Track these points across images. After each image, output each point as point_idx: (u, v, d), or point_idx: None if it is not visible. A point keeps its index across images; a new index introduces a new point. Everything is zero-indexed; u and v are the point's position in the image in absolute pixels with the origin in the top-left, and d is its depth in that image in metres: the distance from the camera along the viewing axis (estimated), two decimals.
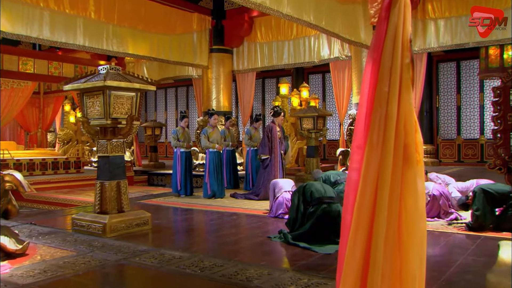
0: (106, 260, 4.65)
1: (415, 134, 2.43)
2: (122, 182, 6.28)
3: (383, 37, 2.44)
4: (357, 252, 2.41)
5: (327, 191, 5.44)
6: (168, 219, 7.65)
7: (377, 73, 2.45)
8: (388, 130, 2.37)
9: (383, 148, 2.38)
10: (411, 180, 2.41)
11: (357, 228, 2.40)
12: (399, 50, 2.39)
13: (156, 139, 17.68)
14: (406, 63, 2.43)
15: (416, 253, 2.43)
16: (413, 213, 2.42)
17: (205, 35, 13.49)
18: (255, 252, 5.17)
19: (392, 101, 2.38)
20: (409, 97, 2.44)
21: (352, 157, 2.57)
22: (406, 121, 2.42)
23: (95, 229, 5.95)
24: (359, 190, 2.42)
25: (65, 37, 10.10)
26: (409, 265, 2.43)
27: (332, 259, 4.65)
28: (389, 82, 2.39)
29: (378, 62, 2.46)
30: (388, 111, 2.39)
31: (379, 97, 2.43)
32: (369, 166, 2.40)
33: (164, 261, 4.60)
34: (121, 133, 6.21)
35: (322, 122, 12.19)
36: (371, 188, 2.38)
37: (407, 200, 2.42)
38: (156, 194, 10.65)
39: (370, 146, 2.42)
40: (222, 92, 13.91)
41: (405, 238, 2.42)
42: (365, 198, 2.38)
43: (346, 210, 2.55)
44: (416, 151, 2.42)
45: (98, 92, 5.87)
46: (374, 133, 2.42)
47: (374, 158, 2.39)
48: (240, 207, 8.32)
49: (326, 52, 12.65)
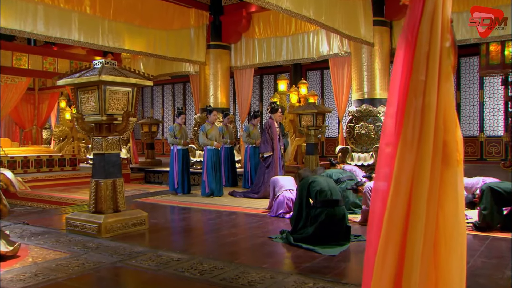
0: (101, 263, 4.45)
1: (455, 130, 2.15)
2: (118, 180, 6.08)
3: (419, 17, 2.14)
4: (387, 269, 2.12)
5: (333, 193, 5.21)
6: (165, 218, 7.46)
7: (412, 59, 2.15)
8: (426, 126, 2.08)
9: (419, 146, 2.08)
10: (451, 183, 2.11)
11: (387, 240, 2.11)
12: (438, 32, 2.09)
13: (153, 136, 17.48)
14: (446, 47, 2.13)
15: (456, 270, 2.14)
16: (452, 222, 2.12)
17: (202, 30, 13.28)
18: (256, 253, 4.98)
19: (430, 92, 2.08)
20: (449, 87, 2.14)
21: (380, 157, 2.28)
22: (446, 115, 2.13)
23: (90, 229, 5.75)
24: (390, 195, 2.12)
25: (60, 32, 9.89)
26: (447, 285, 2.16)
27: (336, 261, 4.47)
28: (426, 70, 2.10)
29: (412, 46, 2.15)
30: (425, 103, 2.09)
31: (414, 87, 2.12)
32: (402, 167, 2.10)
33: (162, 263, 4.41)
34: (117, 129, 6.01)
35: (321, 119, 12.01)
36: (404, 193, 2.08)
37: (446, 207, 2.12)
38: (153, 192, 10.47)
39: (404, 144, 2.12)
40: (220, 89, 13.71)
41: (443, 253, 2.13)
42: (397, 205, 2.08)
43: (373, 218, 2.25)
44: (456, 150, 2.13)
45: (93, 87, 5.66)
46: (408, 129, 2.12)
47: (408, 158, 2.10)
48: (239, 205, 8.13)
49: (325, 48, 12.48)
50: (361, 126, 11.10)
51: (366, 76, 11.16)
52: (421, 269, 2.09)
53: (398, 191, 2.11)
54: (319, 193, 5.16)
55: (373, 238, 2.22)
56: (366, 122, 11.06)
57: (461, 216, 2.23)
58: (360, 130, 11.12)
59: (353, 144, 11.37)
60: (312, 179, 5.38)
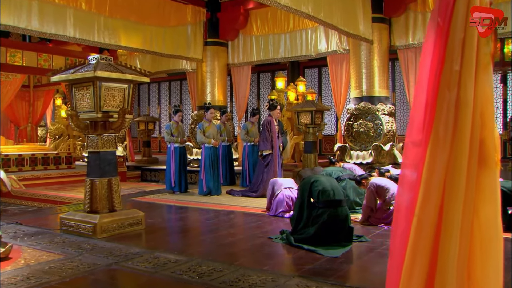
0: (95, 265, 4.30)
1: (493, 126, 1.90)
2: (113, 179, 5.93)
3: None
4: (416, 282, 1.88)
5: (335, 193, 5.07)
6: (162, 218, 7.31)
7: (444, 47, 1.90)
8: (460, 122, 1.84)
9: (453, 144, 1.84)
10: (489, 187, 1.86)
11: (415, 250, 1.88)
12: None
13: (149, 134, 17.38)
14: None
15: (492, 283, 1.94)
16: (490, 231, 1.89)
17: (199, 27, 13.15)
18: (257, 255, 4.83)
19: (466, 84, 1.84)
20: (488, 79, 1.91)
21: (406, 157, 2.05)
22: (484, 110, 1.88)
23: (84, 230, 5.60)
24: (419, 200, 1.87)
25: (55, 28, 9.72)
26: None
27: (339, 263, 4.34)
28: (461, 59, 1.86)
29: (445, 32, 1.91)
30: (460, 97, 1.85)
31: (447, 78, 1.88)
32: (433, 167, 1.86)
33: (159, 265, 4.26)
34: (113, 127, 5.85)
35: (320, 117, 11.89)
36: (435, 197, 1.83)
37: (482, 214, 1.87)
38: (149, 190, 10.32)
39: (435, 142, 1.87)
40: (217, 86, 13.59)
41: (478, 265, 1.90)
42: (427, 211, 1.84)
43: (397, 223, 2.04)
44: (494, 149, 1.88)
45: (87, 83, 5.50)
46: (440, 125, 1.88)
47: (440, 157, 1.85)
48: (238, 204, 8.00)
49: (324, 45, 12.37)
50: (360, 124, 11.00)
51: (365, 74, 11.06)
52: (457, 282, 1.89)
53: (428, 196, 1.88)
54: (322, 193, 5.02)
55: (398, 247, 2.02)
56: (365, 120, 10.95)
57: (499, 224, 2.02)
58: (359, 128, 11.01)
59: (352, 142, 11.25)
60: (314, 179, 5.24)
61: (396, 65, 16.35)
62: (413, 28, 11.08)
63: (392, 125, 11.06)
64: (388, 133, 10.90)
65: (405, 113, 17.14)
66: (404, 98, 16.97)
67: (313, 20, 8.70)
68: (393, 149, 10.91)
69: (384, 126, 10.84)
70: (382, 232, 5.64)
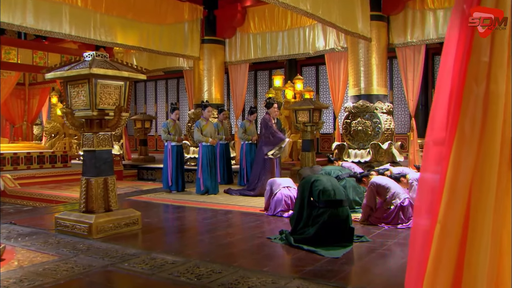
0: (91, 266, 4.19)
1: None
2: (109, 178, 5.83)
3: None
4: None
5: (336, 193, 4.97)
6: (159, 217, 7.20)
7: (471, 37, 1.73)
8: (490, 118, 1.64)
9: (481, 143, 1.66)
10: None
11: (438, 260, 1.68)
12: (507, 1, 1.70)
13: (146, 132, 17.33)
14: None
15: None
16: None
17: (196, 25, 13.07)
18: (256, 255, 4.72)
19: (497, 76, 1.65)
20: None
21: (427, 157, 1.87)
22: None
23: (80, 230, 5.48)
24: (443, 204, 1.68)
25: (50, 25, 9.60)
26: None
27: (340, 264, 4.25)
28: (490, 49, 1.68)
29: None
30: (489, 90, 1.66)
31: (474, 71, 1.70)
32: (459, 168, 1.67)
33: (156, 266, 4.16)
34: (109, 125, 5.74)
35: (318, 115, 11.81)
36: (461, 201, 1.65)
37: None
38: (146, 189, 10.22)
39: (461, 140, 1.69)
40: (214, 84, 13.50)
41: (507, 278, 1.68)
42: (452, 217, 1.65)
43: (416, 230, 1.86)
44: None
45: (83, 80, 5.38)
46: (466, 121, 1.69)
47: (466, 157, 1.67)
48: (235, 204, 7.91)
49: (322, 43, 12.29)
50: (358, 123, 10.93)
51: (363, 72, 10.98)
52: None
53: (452, 200, 1.69)
54: (322, 193, 4.93)
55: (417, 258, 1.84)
56: (363, 118, 10.89)
57: None
58: (357, 127, 10.94)
59: (350, 141, 11.18)
60: (314, 178, 5.14)
61: (393, 63, 16.29)
62: (412, 26, 11.01)
63: (390, 123, 10.99)
64: (386, 131, 10.83)
65: (403, 111, 17.10)
66: (401, 97, 16.92)
67: (312, 17, 8.62)
68: (391, 147, 10.84)
69: (382, 125, 10.77)
70: (382, 232, 5.56)
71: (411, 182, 6.20)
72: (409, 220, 5.74)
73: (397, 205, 5.71)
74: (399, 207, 5.71)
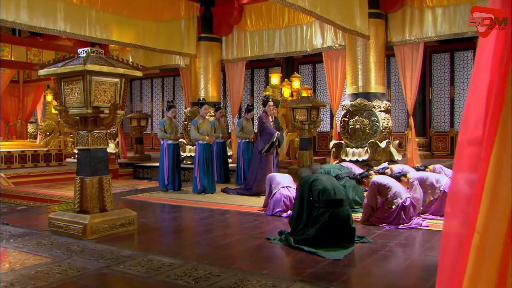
0: (85, 269, 4.05)
1: None
2: (104, 177, 5.69)
3: None
4: None
5: (336, 192, 4.86)
6: (155, 217, 7.07)
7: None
8: None
9: None
10: None
11: (477, 277, 1.53)
12: None
13: (142, 131, 17.25)
14: None
15: None
16: None
17: (193, 22, 12.95)
18: (255, 257, 4.60)
19: None
20: None
21: (460, 158, 1.72)
22: None
23: (74, 231, 5.34)
24: (481, 212, 1.53)
25: (45, 22, 9.47)
26: None
27: (342, 266, 4.13)
28: None
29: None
30: None
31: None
32: (500, 171, 1.52)
33: (152, 269, 4.03)
34: (104, 123, 5.60)
35: (315, 114, 11.72)
36: (503, 209, 1.49)
37: None
38: (142, 188, 10.07)
39: (503, 139, 1.53)
40: (211, 82, 13.40)
41: None
42: (493, 227, 1.49)
43: (449, 234, 1.70)
44: None
45: (77, 77, 5.24)
46: (510, 117, 1.54)
47: (508, 160, 1.51)
48: (233, 203, 7.78)
49: (319, 41, 12.21)
50: (356, 121, 10.85)
51: (361, 70, 10.92)
52: None
53: (493, 207, 1.54)
54: (322, 193, 4.81)
55: (448, 276, 1.67)
56: (361, 116, 10.82)
57: None
58: (355, 125, 10.86)
59: (348, 139, 11.10)
60: (314, 178, 5.02)
61: (391, 61, 16.21)
62: (410, 24, 10.95)
63: (388, 122, 10.92)
64: (384, 130, 10.75)
65: (400, 110, 17.02)
66: (398, 95, 16.84)
67: (310, 14, 8.58)
68: (389, 146, 10.76)
69: (381, 123, 10.69)
70: (383, 232, 5.45)
71: (412, 182, 6.09)
72: (410, 220, 5.64)
73: (398, 205, 5.60)
74: (400, 207, 5.60)
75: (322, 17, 8.72)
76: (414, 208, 5.73)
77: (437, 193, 6.16)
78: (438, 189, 6.14)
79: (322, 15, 8.60)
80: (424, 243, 4.97)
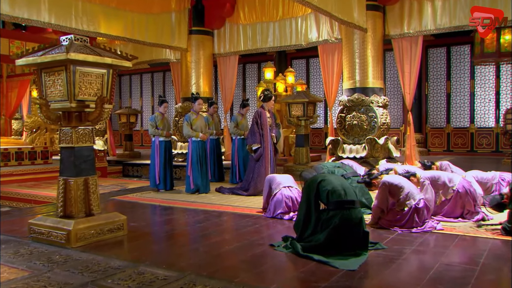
0: (67, 285, 3.54)
1: None
2: (90, 178, 5.19)
3: None
4: None
5: (347, 193, 4.41)
6: (147, 221, 6.57)
7: None
8: None
9: None
10: None
11: None
12: None
13: (131, 127, 16.98)
14: None
15: None
16: None
17: (184, 15, 12.58)
18: (260, 268, 4.09)
19: None
20: None
21: None
22: None
23: (57, 238, 4.84)
24: None
25: (28, 12, 9.00)
26: None
27: (358, 279, 3.68)
28: None
29: None
30: None
31: None
32: None
33: (145, 283, 3.54)
34: (89, 118, 5.10)
35: (312, 109, 11.32)
36: None
37: None
38: (132, 188, 9.57)
39: None
40: (202, 77, 13.02)
41: None
42: None
43: None
44: None
45: (59, 67, 4.73)
46: None
47: None
48: (229, 204, 7.31)
49: (314, 34, 11.87)
50: (353, 117, 10.50)
51: (358, 64, 10.58)
52: None
53: None
54: (331, 193, 4.35)
55: None
56: (358, 112, 10.47)
57: None
58: (352, 121, 10.50)
59: (344, 136, 10.74)
60: (321, 178, 4.57)
61: (386, 55, 15.87)
62: (408, 16, 10.64)
63: (386, 117, 10.59)
64: (382, 126, 10.41)
65: (396, 105, 16.70)
66: (394, 90, 16.52)
67: (307, 5, 8.33)
68: (387, 142, 10.41)
69: (379, 119, 10.35)
70: (396, 237, 5.00)
71: (423, 181, 5.65)
72: (424, 224, 5.20)
73: (411, 206, 5.16)
74: (413, 209, 5.15)
75: (320, 8, 8.49)
76: (427, 210, 5.30)
77: (450, 193, 5.73)
78: (451, 189, 5.72)
79: (319, 6, 8.40)
80: (443, 250, 4.52)
